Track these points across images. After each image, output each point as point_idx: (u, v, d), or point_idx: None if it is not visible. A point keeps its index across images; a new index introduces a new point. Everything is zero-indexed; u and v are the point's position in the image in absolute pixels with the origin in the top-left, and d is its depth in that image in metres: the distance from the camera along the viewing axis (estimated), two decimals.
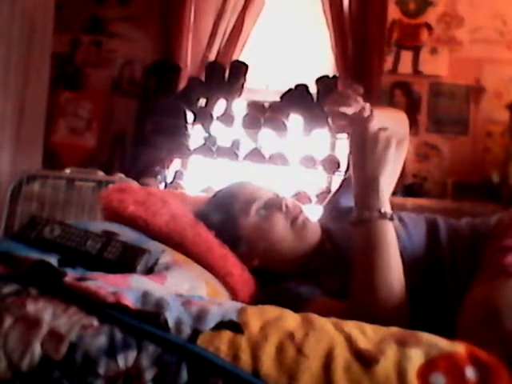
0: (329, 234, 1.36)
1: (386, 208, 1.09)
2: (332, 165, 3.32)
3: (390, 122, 1.18)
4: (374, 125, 1.10)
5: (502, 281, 0.96)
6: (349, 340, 0.76)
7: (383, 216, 1.08)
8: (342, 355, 0.73)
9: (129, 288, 0.90)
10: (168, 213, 1.30)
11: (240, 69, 3.44)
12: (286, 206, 1.33)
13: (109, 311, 0.79)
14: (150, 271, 1.08)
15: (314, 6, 3.39)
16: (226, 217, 1.34)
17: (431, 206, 3.03)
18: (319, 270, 1.29)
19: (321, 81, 3.34)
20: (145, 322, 0.77)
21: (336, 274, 1.26)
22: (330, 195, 1.64)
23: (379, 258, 1.06)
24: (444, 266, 1.18)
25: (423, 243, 1.23)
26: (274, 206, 1.33)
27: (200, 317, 0.79)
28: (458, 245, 1.21)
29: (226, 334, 0.76)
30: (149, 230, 1.25)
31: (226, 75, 3.44)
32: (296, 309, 0.87)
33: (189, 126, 3.44)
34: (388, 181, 1.12)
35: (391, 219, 1.09)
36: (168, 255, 1.16)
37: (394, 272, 1.06)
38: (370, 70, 3.31)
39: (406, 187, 3.21)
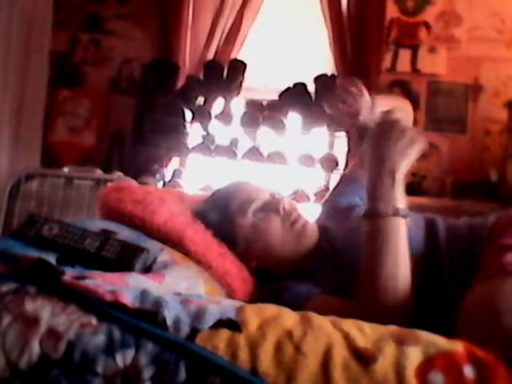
0: (327, 233, 1.36)
1: (400, 204, 1.08)
2: (330, 163, 3.32)
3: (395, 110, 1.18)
4: (377, 112, 1.10)
5: (501, 280, 0.96)
6: (347, 338, 0.76)
7: (397, 212, 1.07)
8: (340, 354, 0.73)
9: (127, 286, 0.90)
10: (166, 212, 1.30)
11: (238, 67, 3.44)
12: (284, 209, 1.33)
13: (107, 310, 0.79)
14: (148, 270, 1.08)
15: (312, 4, 3.39)
16: (223, 217, 1.34)
17: (430, 204, 3.03)
18: (317, 270, 1.29)
19: (319, 79, 3.34)
20: (143, 321, 0.77)
21: (334, 273, 1.26)
22: (328, 193, 1.64)
23: (387, 252, 1.05)
24: (443, 266, 1.18)
25: (422, 243, 1.23)
26: (271, 208, 1.33)
27: (198, 315, 0.79)
28: (457, 244, 1.21)
29: (225, 333, 0.76)
30: (147, 229, 1.25)
31: (225, 74, 3.44)
32: (295, 307, 0.87)
33: (187, 125, 3.43)
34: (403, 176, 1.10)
35: (404, 217, 1.08)
36: (166, 254, 1.16)
37: (401, 268, 1.05)
38: (368, 69, 3.30)
39: (405, 186, 3.21)
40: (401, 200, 1.09)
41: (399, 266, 1.05)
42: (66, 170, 3.02)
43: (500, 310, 0.88)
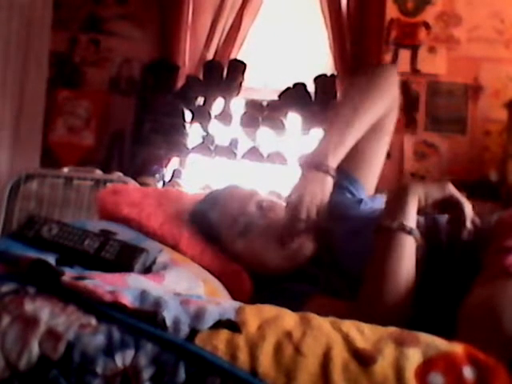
0: (324, 234, 1.35)
1: (409, 222, 1.10)
2: None
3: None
4: None
5: (502, 282, 0.95)
6: (346, 339, 0.75)
7: (402, 228, 1.09)
8: (339, 354, 0.73)
9: (126, 287, 0.90)
10: (162, 214, 1.30)
11: (238, 67, 3.44)
12: (270, 226, 1.31)
13: (107, 310, 0.78)
14: (147, 270, 1.08)
15: (312, 4, 3.40)
16: (213, 225, 1.33)
17: None
18: (315, 273, 1.28)
19: (319, 79, 3.34)
20: (143, 321, 0.77)
21: (331, 275, 1.25)
22: None
23: (389, 265, 1.07)
24: (444, 266, 1.18)
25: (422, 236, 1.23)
26: (254, 228, 1.31)
27: (198, 316, 0.79)
28: (459, 244, 1.21)
29: (224, 333, 0.76)
30: (143, 233, 1.25)
31: (224, 74, 3.44)
32: (294, 308, 0.87)
33: (187, 125, 3.43)
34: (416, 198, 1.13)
35: (409, 233, 1.09)
36: (166, 254, 1.16)
37: (401, 282, 1.06)
38: None
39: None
40: (410, 219, 1.11)
41: (398, 275, 1.06)
42: (65, 170, 3.02)
43: (501, 313, 0.87)
